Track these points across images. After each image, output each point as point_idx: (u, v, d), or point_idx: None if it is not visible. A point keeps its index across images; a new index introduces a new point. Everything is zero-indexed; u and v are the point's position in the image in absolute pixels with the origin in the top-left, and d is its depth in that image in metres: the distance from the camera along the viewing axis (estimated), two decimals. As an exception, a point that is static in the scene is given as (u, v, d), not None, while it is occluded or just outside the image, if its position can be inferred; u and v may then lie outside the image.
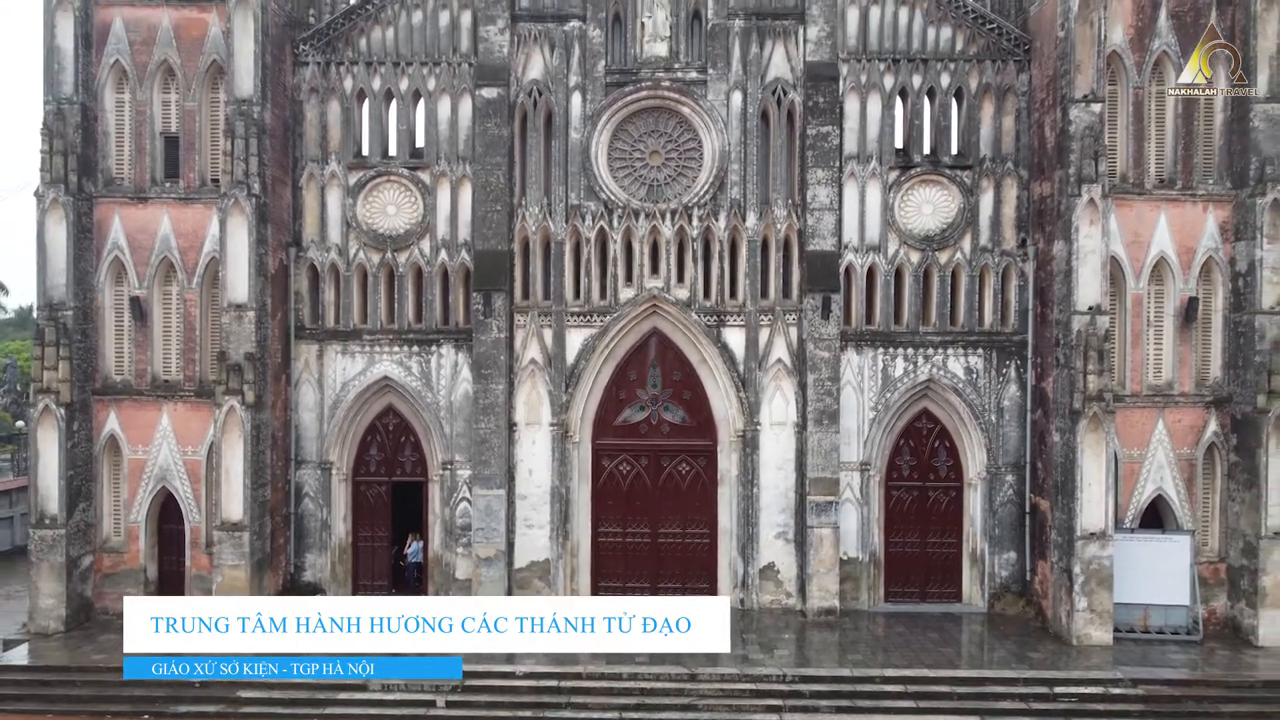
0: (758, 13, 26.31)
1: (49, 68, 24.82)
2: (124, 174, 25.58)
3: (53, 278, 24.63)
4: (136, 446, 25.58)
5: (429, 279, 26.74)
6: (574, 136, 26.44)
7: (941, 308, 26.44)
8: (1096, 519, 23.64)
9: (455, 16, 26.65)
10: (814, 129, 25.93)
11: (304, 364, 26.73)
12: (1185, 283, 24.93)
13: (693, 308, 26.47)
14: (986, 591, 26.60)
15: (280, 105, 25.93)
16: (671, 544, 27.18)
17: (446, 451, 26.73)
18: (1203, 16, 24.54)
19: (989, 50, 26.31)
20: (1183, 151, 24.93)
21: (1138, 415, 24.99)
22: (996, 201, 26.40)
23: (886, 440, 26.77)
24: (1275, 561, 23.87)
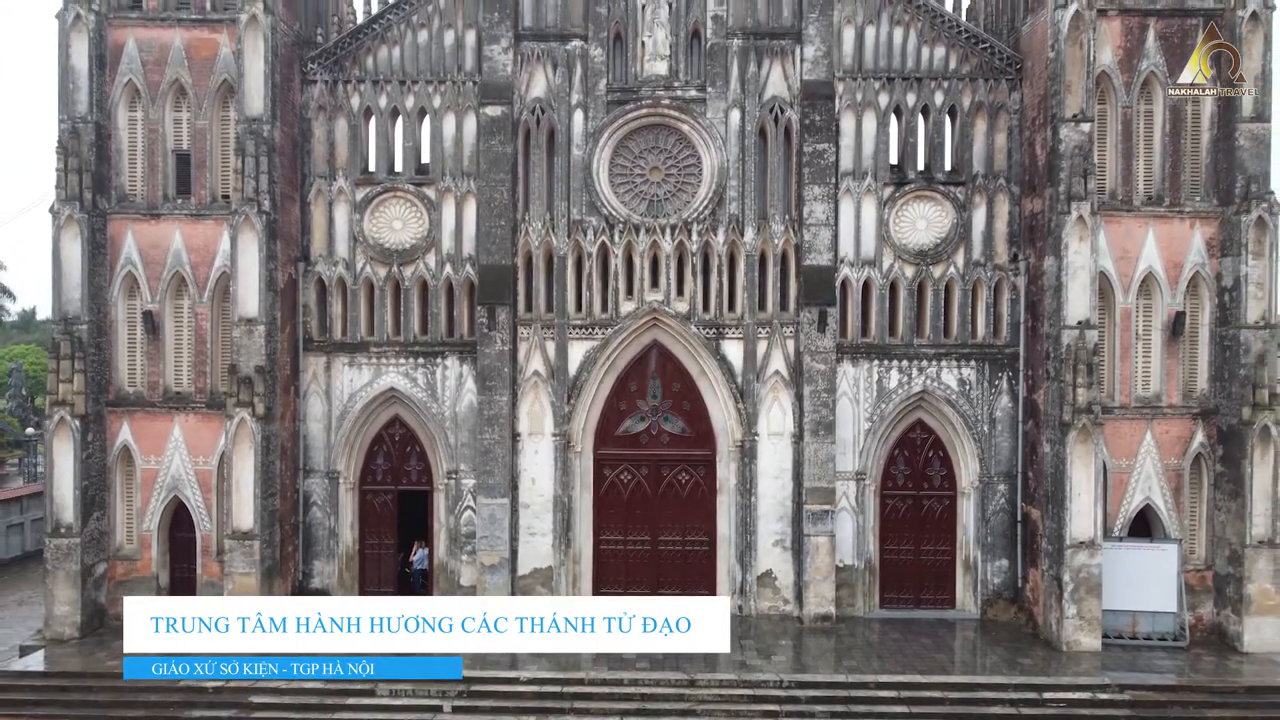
0: (755, 33, 26.92)
1: (64, 87, 25.45)
2: (137, 190, 26.20)
3: (68, 292, 25.26)
4: (149, 457, 26.21)
5: (434, 292, 27.36)
6: (576, 153, 27.05)
7: (935, 321, 27.04)
8: (1086, 528, 24.26)
9: (460, 36, 27.25)
10: (810, 146, 26.53)
11: (312, 375, 27.35)
12: (1173, 297, 25.55)
13: (692, 321, 27.08)
14: (979, 598, 27.21)
15: (289, 123, 26.54)
16: (671, 551, 27.79)
17: (451, 461, 27.34)
18: (1190, 38, 25.14)
19: (982, 69, 26.92)
20: (1170, 169, 25.54)
21: (1126, 426, 25.60)
22: (989, 217, 27.01)
23: (881, 450, 27.38)
24: (1260, 570, 24.53)
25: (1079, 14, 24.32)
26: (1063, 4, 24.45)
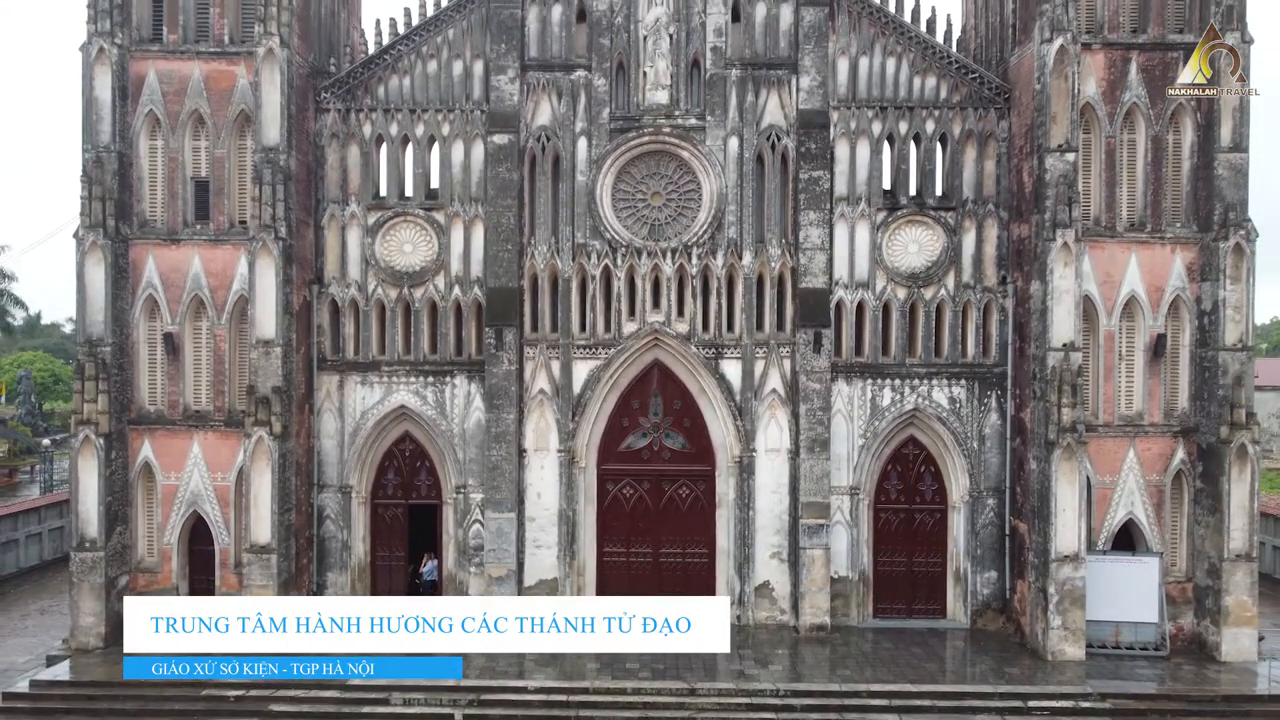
0: (753, 63, 27.92)
1: (87, 117, 26.42)
2: (157, 216, 27.20)
3: (92, 315, 26.25)
4: (169, 473, 27.22)
5: (443, 313, 28.35)
6: (580, 179, 28.05)
7: (926, 341, 28.05)
8: (1070, 542, 25.26)
9: (468, 66, 28.26)
10: (806, 173, 27.54)
11: (325, 394, 28.35)
12: (1155, 320, 26.56)
13: (692, 341, 28.08)
14: (969, 608, 28.22)
15: (303, 150, 27.53)
16: (672, 563, 28.81)
17: (460, 476, 28.34)
18: (1170, 70, 26.16)
19: (971, 99, 27.93)
20: (1152, 197, 26.55)
21: (1110, 444, 26.62)
22: (978, 241, 28.02)
23: (875, 466, 28.40)
24: (1237, 582, 25.52)
25: (1064, 48, 25.29)
26: (1048, 38, 25.42)
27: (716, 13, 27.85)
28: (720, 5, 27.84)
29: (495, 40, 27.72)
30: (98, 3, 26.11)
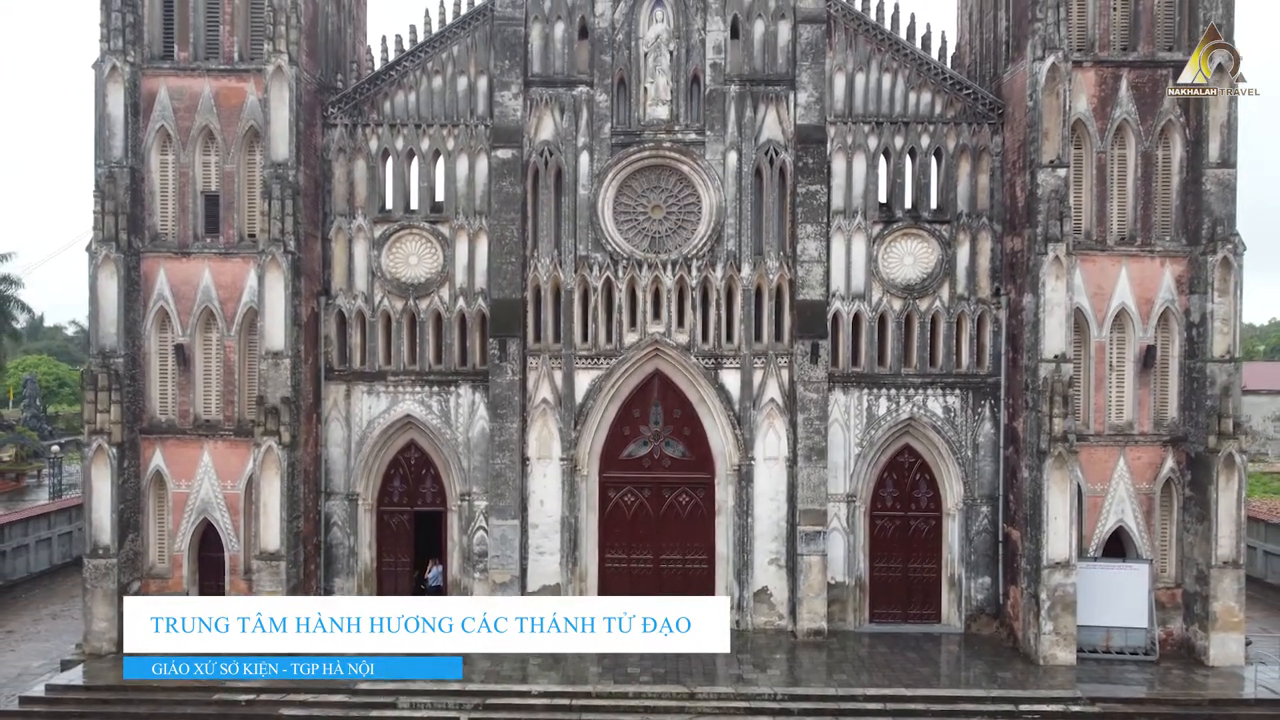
0: (752, 79, 28.49)
1: (100, 133, 26.98)
2: (168, 230, 27.77)
3: (104, 327, 26.82)
4: (180, 481, 27.79)
5: (448, 324, 28.92)
6: (582, 193, 28.62)
7: (921, 351, 28.62)
8: (1061, 550, 25.83)
9: (473, 82, 28.83)
10: (804, 187, 28.11)
11: (333, 403, 28.92)
12: (1144, 332, 27.12)
13: (692, 351, 28.65)
14: (963, 613, 28.79)
15: (311, 165, 28.09)
16: (672, 569, 29.38)
17: (464, 484, 28.91)
18: (1160, 87, 26.73)
19: (965, 114, 28.51)
20: (1142, 211, 27.11)
21: (1101, 453, 27.19)
22: (972, 253, 28.59)
23: (871, 474, 28.98)
24: (1225, 588, 26.10)
25: (1056, 66, 25.85)
26: (1040, 56, 25.99)
27: (716, 30, 28.42)
28: (719, 22, 28.42)
29: (499, 57, 28.29)
30: (110, 21, 26.66)
